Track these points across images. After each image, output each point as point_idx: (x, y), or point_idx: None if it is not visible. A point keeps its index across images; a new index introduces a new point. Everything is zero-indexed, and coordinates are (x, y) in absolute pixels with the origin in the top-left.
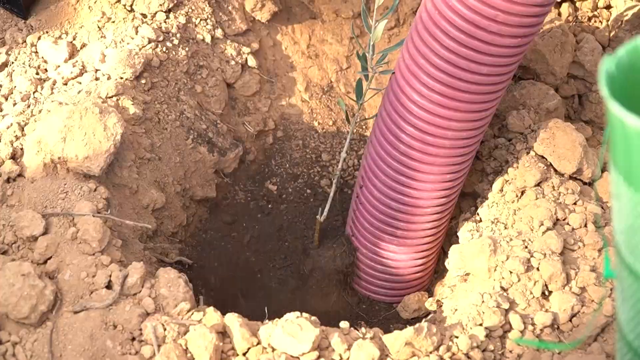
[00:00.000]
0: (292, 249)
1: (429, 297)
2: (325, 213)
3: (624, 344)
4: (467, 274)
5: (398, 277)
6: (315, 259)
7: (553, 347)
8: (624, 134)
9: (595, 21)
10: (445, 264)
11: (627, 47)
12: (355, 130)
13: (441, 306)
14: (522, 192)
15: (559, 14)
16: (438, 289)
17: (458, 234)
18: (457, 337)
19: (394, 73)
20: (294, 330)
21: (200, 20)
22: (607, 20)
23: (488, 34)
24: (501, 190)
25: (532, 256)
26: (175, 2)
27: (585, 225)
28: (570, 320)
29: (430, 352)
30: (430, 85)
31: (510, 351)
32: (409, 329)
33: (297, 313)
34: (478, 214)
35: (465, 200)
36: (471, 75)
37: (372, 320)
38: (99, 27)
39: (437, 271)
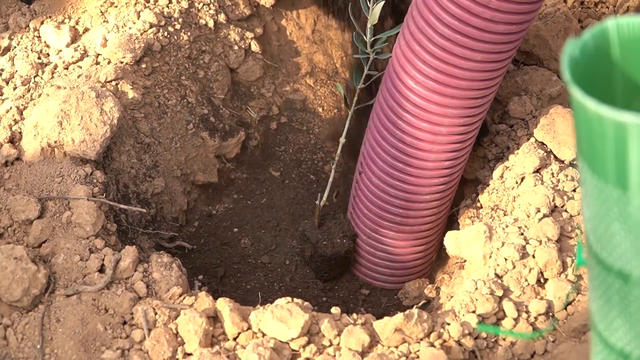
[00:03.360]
0: (293, 235)
1: (429, 284)
2: (324, 198)
3: (595, 334)
4: (464, 261)
5: (398, 264)
6: (315, 245)
7: (504, 333)
8: (586, 119)
9: (602, 7)
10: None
11: (593, 31)
12: None
13: (439, 293)
14: (522, 179)
15: (565, 0)
16: (439, 276)
17: (459, 220)
18: (448, 324)
19: (390, 57)
20: (283, 316)
21: (203, 5)
22: (614, 6)
23: (482, 20)
24: (501, 176)
25: (527, 243)
26: None
27: None
28: (565, 309)
29: (421, 339)
30: (425, 72)
31: (504, 339)
32: (399, 315)
33: (288, 298)
34: (479, 201)
35: (467, 186)
36: (466, 62)
37: (372, 309)
38: (101, 11)
39: (439, 258)
